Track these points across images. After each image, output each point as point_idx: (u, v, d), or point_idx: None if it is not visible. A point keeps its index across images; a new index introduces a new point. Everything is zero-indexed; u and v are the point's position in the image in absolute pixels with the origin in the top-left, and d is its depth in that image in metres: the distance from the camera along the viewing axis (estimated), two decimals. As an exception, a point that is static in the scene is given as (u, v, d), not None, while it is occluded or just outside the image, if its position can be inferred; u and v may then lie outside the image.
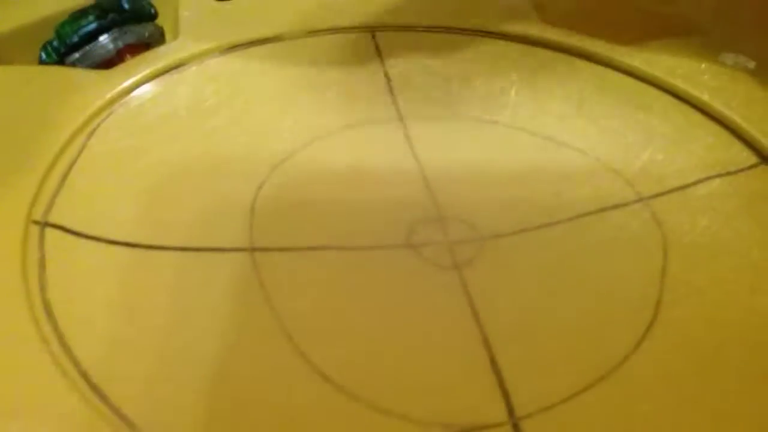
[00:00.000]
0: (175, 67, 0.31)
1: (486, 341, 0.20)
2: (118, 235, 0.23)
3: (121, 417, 0.18)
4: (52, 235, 0.23)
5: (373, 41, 0.33)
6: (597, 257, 0.23)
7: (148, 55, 0.31)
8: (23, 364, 0.19)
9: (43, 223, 0.23)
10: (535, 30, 0.33)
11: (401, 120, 0.28)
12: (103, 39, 0.31)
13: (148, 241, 0.23)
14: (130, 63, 0.31)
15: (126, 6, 0.32)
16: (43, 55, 0.32)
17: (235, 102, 0.29)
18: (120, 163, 0.26)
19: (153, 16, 0.33)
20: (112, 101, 0.28)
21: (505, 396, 0.19)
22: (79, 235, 0.23)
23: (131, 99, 0.29)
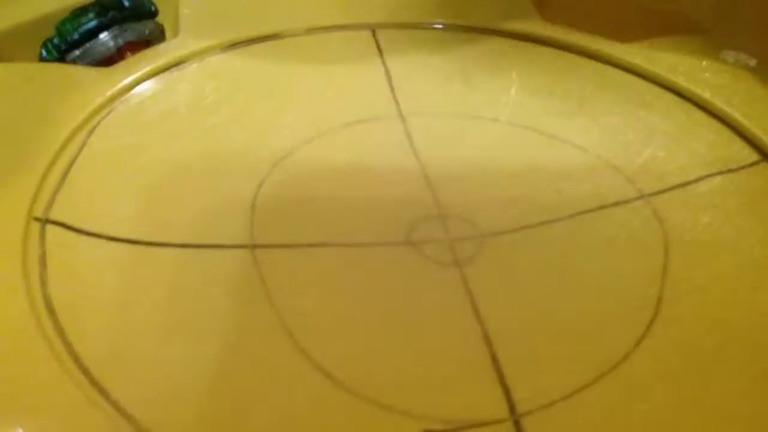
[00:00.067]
0: (176, 65, 0.31)
1: (487, 338, 0.20)
2: (119, 232, 0.23)
3: (121, 412, 0.18)
4: (53, 231, 0.23)
5: (374, 39, 0.33)
6: (598, 254, 0.23)
7: (149, 52, 0.31)
8: (24, 359, 0.19)
9: (44, 220, 0.23)
10: (536, 28, 0.33)
11: (402, 117, 0.28)
12: (103, 36, 0.31)
13: (148, 238, 0.23)
14: (131, 60, 0.31)
15: (126, 3, 0.32)
16: (44, 53, 0.32)
17: (235, 99, 0.29)
18: (120, 160, 0.26)
19: (153, 14, 0.33)
20: (113, 99, 0.28)
21: (506, 393, 0.19)
22: (80, 231, 0.23)
23: (132, 96, 0.29)
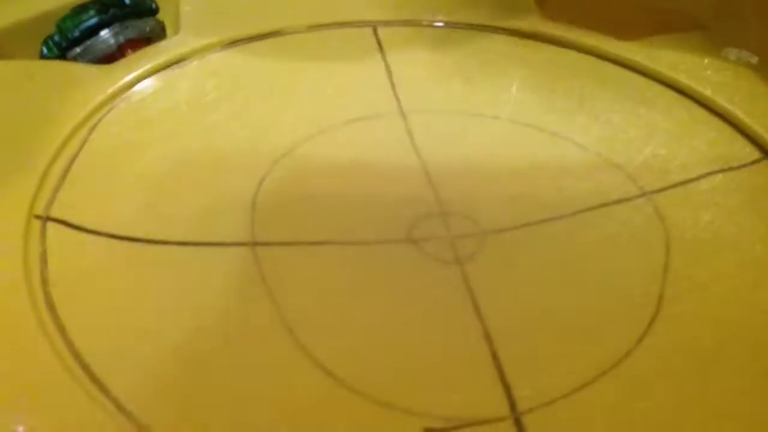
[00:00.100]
0: (176, 62, 0.31)
1: (487, 336, 0.20)
2: (120, 230, 0.23)
3: (122, 409, 0.18)
4: (53, 229, 0.23)
5: (375, 36, 0.33)
6: (599, 252, 0.23)
7: (149, 50, 0.31)
8: (25, 357, 0.19)
9: (44, 218, 0.23)
10: (537, 25, 0.33)
11: (403, 115, 0.28)
12: (104, 34, 0.31)
13: (149, 236, 0.23)
14: (131, 58, 0.31)
15: (127, 1, 0.32)
16: (44, 50, 0.32)
17: (236, 97, 0.29)
18: (121, 158, 0.26)
19: (154, 11, 0.33)
20: (114, 96, 0.28)
21: (507, 390, 0.19)
22: (81, 229, 0.23)
23: (132, 94, 0.29)
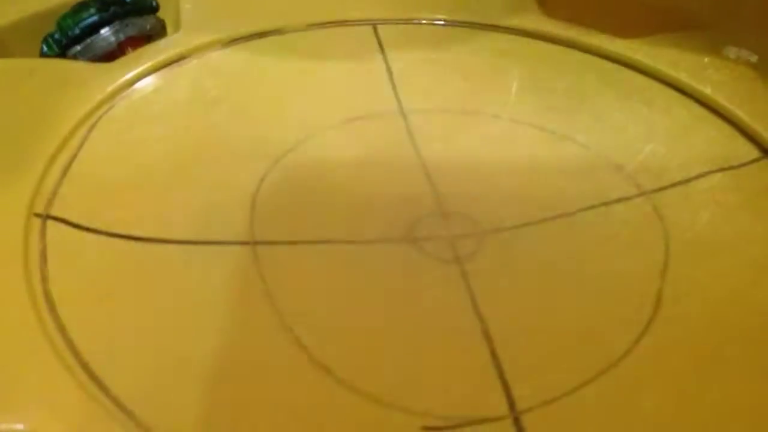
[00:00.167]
0: (177, 60, 0.31)
1: (487, 335, 0.20)
2: (120, 228, 0.23)
3: (121, 407, 0.18)
4: (53, 227, 0.23)
5: (376, 35, 0.33)
6: (598, 252, 0.23)
7: (150, 48, 0.31)
8: (24, 355, 0.19)
9: (44, 216, 0.23)
10: (538, 24, 0.33)
11: (403, 114, 0.28)
12: (104, 32, 0.31)
13: (149, 234, 0.23)
14: (132, 56, 0.31)
15: (127, -1, 0.32)
16: (45, 48, 0.32)
17: (236, 95, 0.29)
18: (121, 156, 0.26)
19: (154, 9, 0.33)
20: (114, 94, 0.28)
21: (506, 390, 0.19)
22: (81, 227, 0.23)
23: (132, 92, 0.29)
